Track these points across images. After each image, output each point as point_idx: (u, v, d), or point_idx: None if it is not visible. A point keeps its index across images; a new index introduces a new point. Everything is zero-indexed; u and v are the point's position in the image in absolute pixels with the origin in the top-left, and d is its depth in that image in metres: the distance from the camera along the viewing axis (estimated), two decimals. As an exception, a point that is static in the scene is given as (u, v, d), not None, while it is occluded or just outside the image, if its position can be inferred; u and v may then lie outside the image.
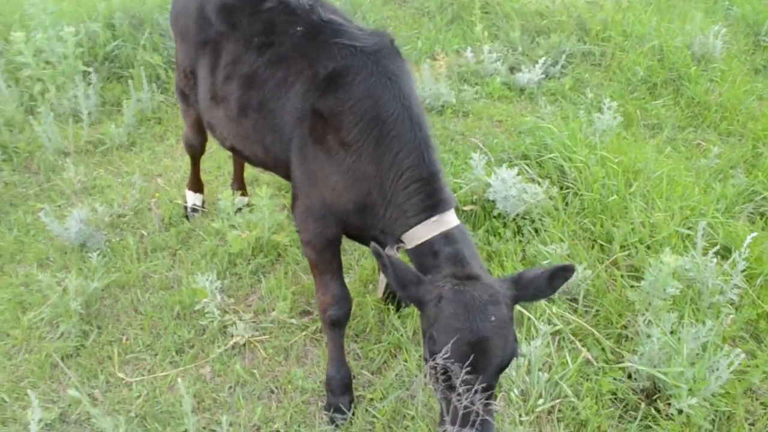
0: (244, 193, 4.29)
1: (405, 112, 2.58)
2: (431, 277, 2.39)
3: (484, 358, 2.20)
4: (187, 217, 4.19)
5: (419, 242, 2.52)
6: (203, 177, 4.40)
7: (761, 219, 4.09)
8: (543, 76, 5.78)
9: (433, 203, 2.53)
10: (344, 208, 2.70)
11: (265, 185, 3.81)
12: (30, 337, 3.33)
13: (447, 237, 2.50)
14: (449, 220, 2.54)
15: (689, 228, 3.82)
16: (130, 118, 4.98)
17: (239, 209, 4.05)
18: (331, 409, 2.98)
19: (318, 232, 2.80)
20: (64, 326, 3.31)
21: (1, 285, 3.63)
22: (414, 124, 2.58)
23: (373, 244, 2.32)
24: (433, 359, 2.21)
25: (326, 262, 2.87)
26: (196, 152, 4.04)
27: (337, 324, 2.94)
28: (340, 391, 2.98)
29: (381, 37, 2.73)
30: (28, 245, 3.92)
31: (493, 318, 2.23)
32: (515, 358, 2.33)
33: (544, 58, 5.78)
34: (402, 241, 2.60)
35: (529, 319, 3.25)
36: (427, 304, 2.31)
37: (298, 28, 2.83)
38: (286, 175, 2.96)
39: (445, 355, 2.17)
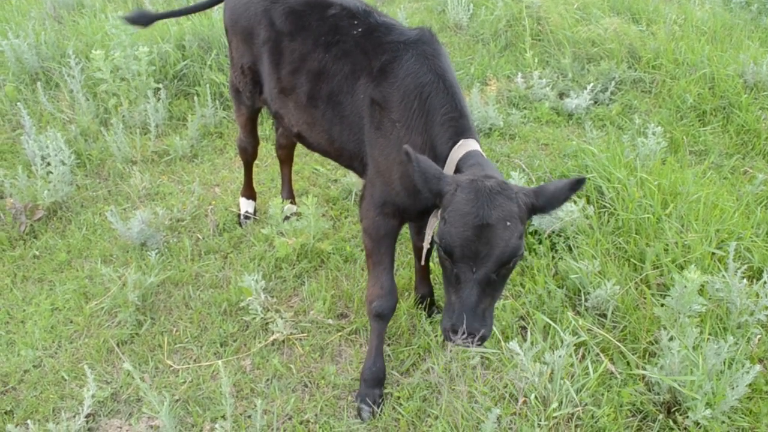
0: (293, 202, 4.56)
1: (438, 78, 2.88)
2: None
3: (486, 245, 2.35)
4: (239, 223, 4.48)
5: (449, 167, 2.76)
6: (257, 188, 4.70)
7: (803, 246, 4.06)
8: (591, 101, 5.87)
9: (458, 131, 2.80)
10: (402, 188, 2.95)
11: (312, 196, 4.06)
12: (91, 324, 3.65)
13: (469, 155, 2.73)
14: (471, 144, 2.77)
15: (724, 250, 3.84)
16: (194, 131, 5.35)
17: (288, 217, 4.31)
18: (359, 400, 3.16)
19: (377, 220, 3.06)
20: (121, 315, 3.62)
21: (69, 277, 3.98)
22: (446, 86, 2.87)
23: (405, 146, 2.52)
24: (441, 239, 2.39)
25: (381, 254, 3.11)
26: (249, 156, 4.35)
27: (381, 316, 3.14)
28: (373, 383, 3.18)
29: (422, 30, 3.08)
30: (94, 243, 4.27)
31: (500, 208, 2.37)
32: (518, 258, 2.44)
33: (593, 85, 5.88)
34: None
35: (555, 330, 3.35)
36: (446, 195, 2.48)
37: (359, 29, 3.21)
38: (350, 164, 3.35)
39: (451, 238, 2.36)
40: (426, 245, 3.10)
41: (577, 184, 2.48)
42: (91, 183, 4.89)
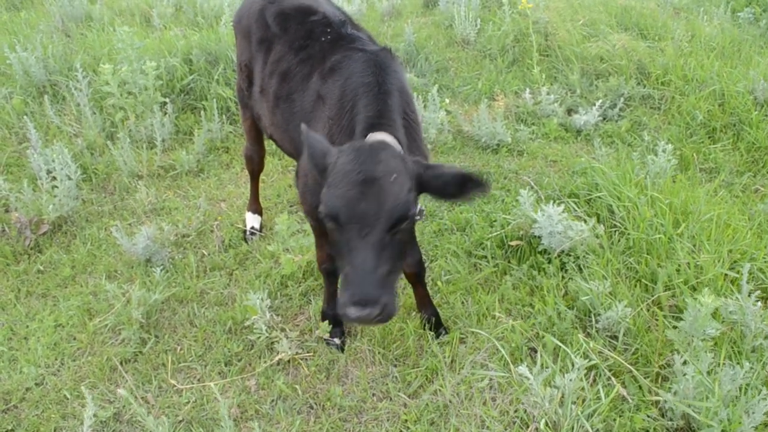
0: None
1: (377, 84, 2.83)
2: None
3: (373, 202, 2.23)
4: (245, 239, 4.44)
5: None
6: (263, 203, 4.67)
7: (817, 267, 3.99)
8: (600, 118, 5.83)
9: (369, 128, 2.70)
10: None
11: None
12: (94, 341, 3.61)
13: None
14: (380, 135, 2.63)
15: (737, 271, 3.77)
16: (201, 146, 5.33)
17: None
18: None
19: (315, 205, 3.04)
20: (125, 333, 3.57)
21: (73, 293, 3.94)
22: (381, 92, 2.80)
23: (302, 124, 2.50)
24: (326, 205, 2.30)
25: (322, 227, 3.13)
26: (255, 166, 4.36)
27: (330, 274, 3.46)
28: (333, 323, 3.52)
29: (384, 47, 3.08)
30: (99, 258, 4.24)
31: (384, 163, 2.28)
32: (412, 219, 2.32)
33: (601, 101, 5.85)
34: None
35: (565, 352, 3.29)
36: (329, 166, 2.40)
37: (329, 37, 3.28)
38: None
39: (335, 200, 2.26)
40: None
41: (470, 183, 2.35)
42: (96, 197, 4.86)
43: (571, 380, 2.98)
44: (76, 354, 3.55)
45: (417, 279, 3.52)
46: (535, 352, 3.46)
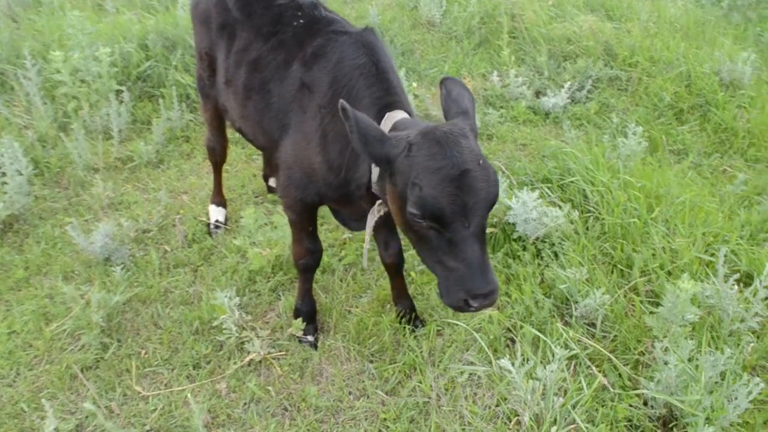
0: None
1: (372, 63, 2.74)
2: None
3: (471, 194, 2.16)
4: (209, 233, 4.25)
5: None
6: (227, 195, 4.48)
7: (788, 247, 4.01)
8: (569, 100, 5.77)
9: (383, 106, 2.64)
10: (321, 174, 2.85)
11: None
12: (52, 348, 3.40)
13: (399, 123, 2.56)
14: (399, 114, 2.61)
15: (712, 255, 3.76)
16: (160, 136, 5.09)
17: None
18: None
19: (299, 198, 3.03)
20: (85, 338, 3.38)
21: (27, 296, 3.72)
22: (379, 71, 2.72)
23: (341, 100, 2.28)
24: (423, 207, 2.17)
25: (303, 222, 3.20)
26: (217, 157, 4.19)
27: (307, 270, 3.37)
28: (308, 317, 3.44)
29: (366, 27, 2.96)
30: (54, 258, 4.01)
31: (468, 149, 2.21)
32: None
33: (569, 83, 5.78)
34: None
35: (545, 342, 3.22)
36: (397, 158, 2.27)
37: (301, 21, 3.11)
38: None
39: (434, 201, 2.14)
40: (366, 246, 2.99)
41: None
42: (50, 193, 4.60)
43: (552, 371, 2.92)
44: (32, 363, 3.34)
45: (396, 270, 3.40)
46: (514, 342, 3.39)
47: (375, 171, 2.56)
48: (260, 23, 3.21)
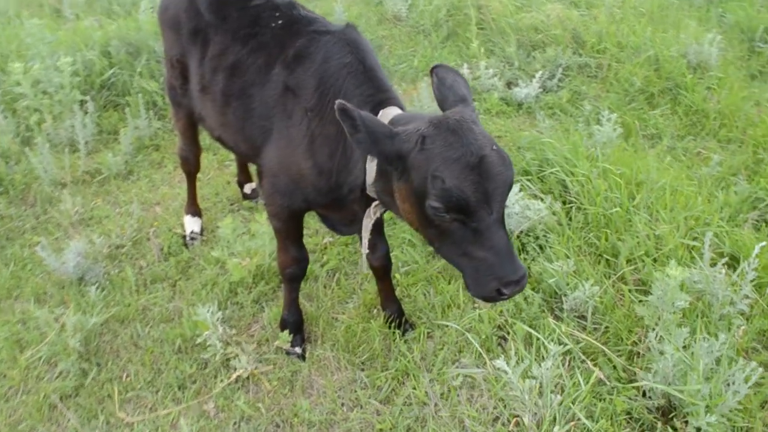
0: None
1: (358, 61, 2.68)
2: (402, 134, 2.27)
3: (491, 180, 2.13)
4: (186, 245, 4.13)
5: None
6: (201, 204, 4.36)
7: (767, 226, 4.03)
8: (540, 90, 5.74)
9: (376, 104, 2.59)
10: (310, 180, 2.76)
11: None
12: (27, 377, 3.25)
13: (396, 118, 2.49)
14: (394, 111, 2.55)
15: (695, 239, 3.76)
16: (128, 146, 4.94)
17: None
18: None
19: (285, 206, 2.95)
20: (62, 365, 3.24)
21: (-2, 323, 3.56)
22: (366, 68, 2.66)
23: (339, 100, 2.18)
24: (448, 199, 2.11)
25: (289, 230, 3.13)
26: (191, 167, 4.06)
27: (294, 280, 3.28)
28: (295, 329, 3.36)
29: (347, 24, 2.89)
30: (25, 280, 3.85)
31: (481, 135, 2.17)
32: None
33: (540, 72, 5.75)
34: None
35: (538, 339, 3.18)
36: (410, 153, 2.20)
37: (279, 21, 3.01)
38: None
39: (459, 191, 2.09)
40: (364, 251, 2.90)
41: None
42: (16, 212, 4.42)
43: (547, 369, 2.87)
44: (8, 394, 3.18)
45: (384, 273, 3.33)
46: (506, 340, 3.34)
47: (371, 172, 2.48)
48: (236, 26, 3.08)
